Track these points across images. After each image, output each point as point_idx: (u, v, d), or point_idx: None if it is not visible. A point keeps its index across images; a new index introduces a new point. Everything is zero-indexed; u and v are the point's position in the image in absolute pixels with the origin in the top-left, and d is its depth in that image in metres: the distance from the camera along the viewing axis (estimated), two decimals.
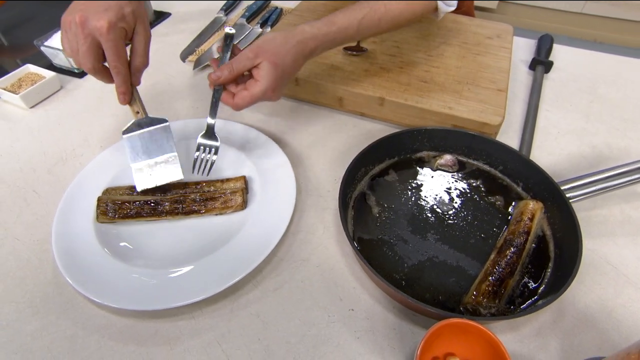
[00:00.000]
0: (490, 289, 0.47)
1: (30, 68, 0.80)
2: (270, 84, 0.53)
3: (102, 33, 0.48)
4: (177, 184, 0.60)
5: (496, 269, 0.49)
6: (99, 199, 0.57)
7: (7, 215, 0.59)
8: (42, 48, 0.82)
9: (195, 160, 0.58)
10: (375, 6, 0.61)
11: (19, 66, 0.80)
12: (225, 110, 0.75)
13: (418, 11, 0.64)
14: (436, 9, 0.67)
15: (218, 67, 0.55)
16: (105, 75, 0.53)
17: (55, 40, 0.83)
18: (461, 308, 0.48)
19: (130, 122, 0.57)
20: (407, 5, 0.63)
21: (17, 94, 0.74)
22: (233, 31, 0.58)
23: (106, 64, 0.53)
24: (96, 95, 0.80)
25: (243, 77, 0.56)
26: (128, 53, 0.54)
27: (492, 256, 0.51)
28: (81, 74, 0.84)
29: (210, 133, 0.58)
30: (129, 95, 0.53)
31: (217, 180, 0.60)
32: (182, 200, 0.58)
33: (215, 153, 0.58)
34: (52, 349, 0.46)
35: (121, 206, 0.57)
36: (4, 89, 0.76)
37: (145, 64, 0.56)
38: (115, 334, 0.47)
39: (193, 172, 0.58)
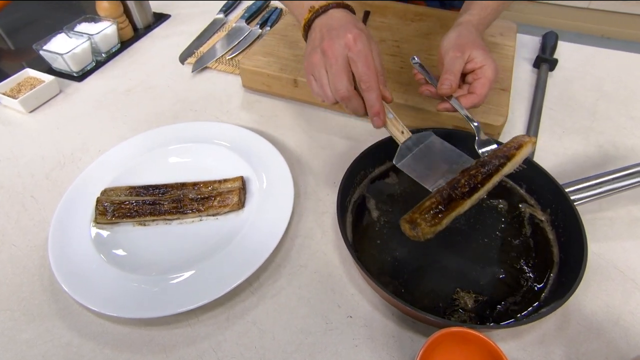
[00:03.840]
0: (433, 206, 0.43)
1: (30, 72, 0.80)
2: (493, 62, 0.53)
3: (349, 45, 0.46)
4: (175, 185, 0.60)
5: (451, 188, 0.44)
6: (97, 200, 0.57)
7: (5, 221, 0.59)
8: (41, 52, 0.82)
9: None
10: None
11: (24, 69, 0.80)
12: (225, 113, 0.75)
13: None
14: None
15: (430, 82, 0.56)
16: (358, 100, 0.48)
17: (54, 44, 0.83)
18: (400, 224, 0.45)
19: (399, 148, 0.51)
20: None
21: (16, 98, 0.74)
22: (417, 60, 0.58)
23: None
24: (95, 99, 0.79)
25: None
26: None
27: (457, 175, 0.46)
28: (80, 78, 0.83)
29: (483, 136, 0.55)
30: (384, 114, 0.49)
31: (215, 181, 0.60)
32: (180, 199, 0.57)
33: None
34: (47, 357, 0.46)
35: (120, 206, 0.56)
36: (3, 94, 0.75)
37: (384, 76, 0.51)
38: (110, 341, 0.47)
39: None
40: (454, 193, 0.44)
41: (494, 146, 0.54)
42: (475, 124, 0.55)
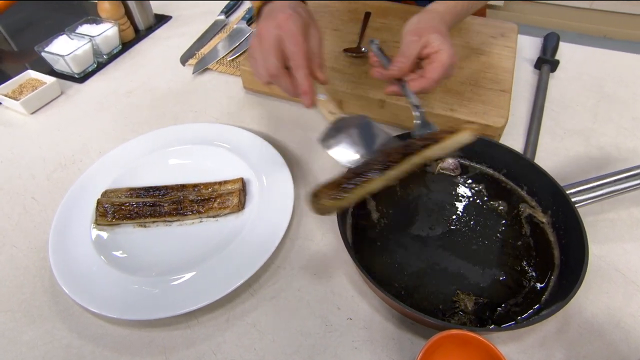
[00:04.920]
0: (342, 183, 0.42)
1: (31, 74, 0.80)
2: (451, 48, 0.52)
3: (280, 24, 0.47)
4: (175, 186, 0.60)
5: (364, 165, 0.43)
6: (98, 201, 0.57)
7: (6, 222, 0.59)
8: (43, 54, 0.82)
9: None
10: None
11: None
12: (225, 115, 0.75)
13: None
14: None
15: (383, 66, 0.55)
16: (286, 79, 0.48)
17: (55, 46, 0.83)
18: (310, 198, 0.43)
19: (326, 128, 0.50)
20: None
21: (17, 100, 0.74)
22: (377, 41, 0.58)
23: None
24: (96, 100, 0.79)
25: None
26: None
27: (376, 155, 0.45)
28: (82, 80, 0.84)
29: (424, 122, 0.53)
30: (312, 94, 0.48)
31: (215, 183, 0.60)
32: (180, 201, 0.57)
33: None
34: (48, 359, 0.46)
35: (120, 208, 0.57)
36: (5, 96, 0.76)
37: (320, 59, 0.51)
38: (110, 343, 0.47)
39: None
40: (365, 170, 0.43)
41: (434, 130, 0.51)
42: (422, 110, 0.53)
